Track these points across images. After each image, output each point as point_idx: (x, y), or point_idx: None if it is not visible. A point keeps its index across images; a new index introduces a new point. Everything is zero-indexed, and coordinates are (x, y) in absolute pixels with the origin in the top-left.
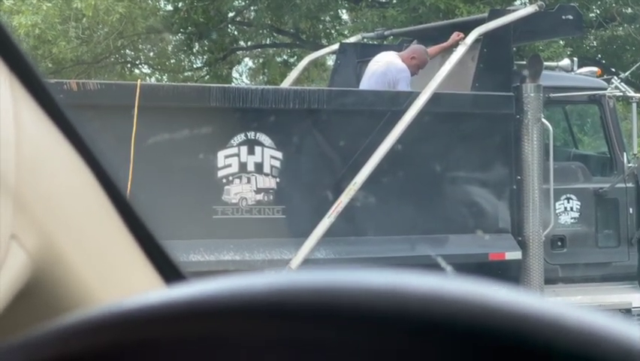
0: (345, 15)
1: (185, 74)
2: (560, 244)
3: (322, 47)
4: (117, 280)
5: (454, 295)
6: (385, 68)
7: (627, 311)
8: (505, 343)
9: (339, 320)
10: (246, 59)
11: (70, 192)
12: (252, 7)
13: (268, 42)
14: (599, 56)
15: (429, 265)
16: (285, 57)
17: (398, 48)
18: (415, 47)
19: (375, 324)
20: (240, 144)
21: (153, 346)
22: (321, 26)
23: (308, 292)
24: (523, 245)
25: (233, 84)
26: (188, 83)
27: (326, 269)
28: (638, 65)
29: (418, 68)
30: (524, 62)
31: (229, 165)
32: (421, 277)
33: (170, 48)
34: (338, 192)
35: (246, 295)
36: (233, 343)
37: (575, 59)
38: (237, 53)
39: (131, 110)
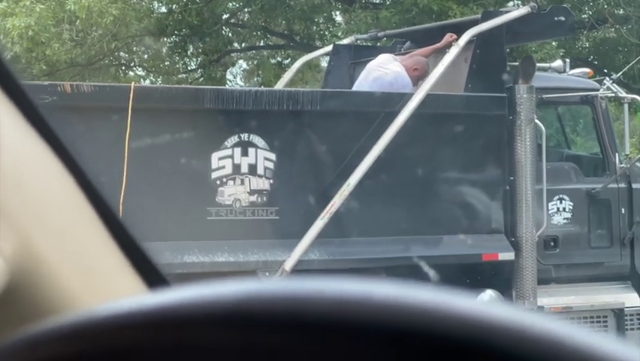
0: (338, 17)
1: (179, 76)
2: (552, 244)
3: (316, 48)
4: (99, 285)
5: (420, 305)
6: (393, 78)
7: (620, 311)
8: (472, 354)
9: (304, 330)
10: (240, 61)
11: (50, 196)
12: (245, 9)
13: (262, 44)
14: (592, 57)
15: (422, 266)
16: (279, 59)
17: (391, 50)
18: (418, 58)
19: (340, 334)
20: (233, 146)
21: (122, 354)
22: (314, 28)
23: (274, 302)
24: (516, 246)
25: (227, 86)
26: (182, 85)
27: (297, 278)
28: (629, 65)
29: (419, 79)
30: (517, 63)
31: (223, 167)
32: (387, 285)
33: (164, 50)
34: (331, 193)
35: (213, 304)
36: (200, 351)
37: (568, 60)
38: (231, 54)
39: (125, 113)
